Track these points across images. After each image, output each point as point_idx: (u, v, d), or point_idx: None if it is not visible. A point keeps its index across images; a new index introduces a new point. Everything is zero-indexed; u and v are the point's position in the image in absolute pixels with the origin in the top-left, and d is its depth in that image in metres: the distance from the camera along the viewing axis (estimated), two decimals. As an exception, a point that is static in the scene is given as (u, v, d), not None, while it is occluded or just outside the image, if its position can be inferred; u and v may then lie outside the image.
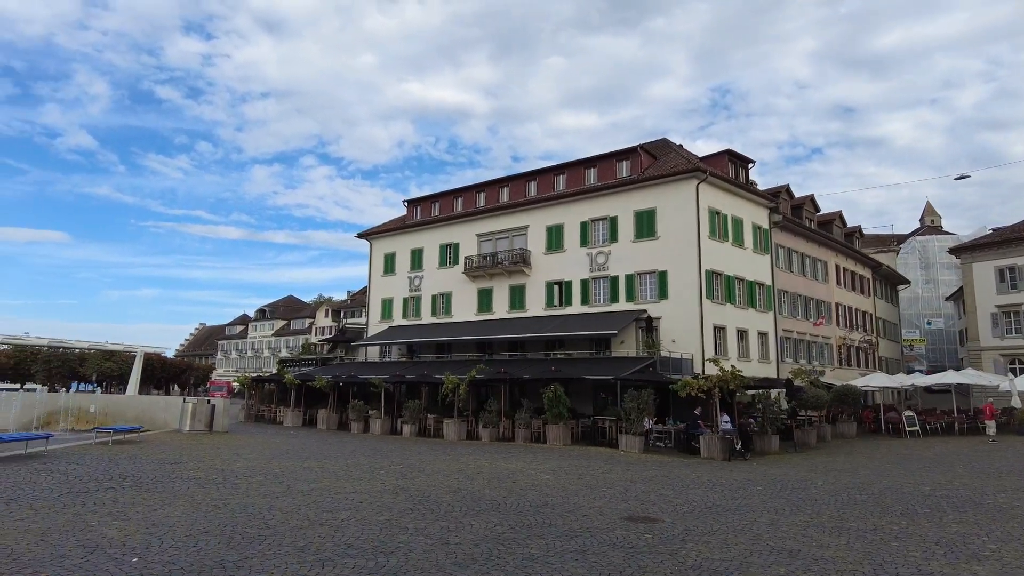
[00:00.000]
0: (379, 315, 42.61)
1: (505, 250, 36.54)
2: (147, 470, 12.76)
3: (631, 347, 30.97)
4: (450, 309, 38.85)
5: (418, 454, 18.71)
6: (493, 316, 36.63)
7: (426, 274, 40.51)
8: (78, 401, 25.74)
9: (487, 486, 12.46)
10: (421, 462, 16.40)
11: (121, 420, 24.76)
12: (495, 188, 38.91)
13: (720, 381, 20.50)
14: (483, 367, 26.86)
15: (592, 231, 33.72)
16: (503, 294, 36.49)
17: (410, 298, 41.05)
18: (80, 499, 9.44)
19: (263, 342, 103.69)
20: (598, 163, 34.73)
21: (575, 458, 18.61)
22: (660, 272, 30.99)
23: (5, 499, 9.15)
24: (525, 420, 24.09)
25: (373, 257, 44.13)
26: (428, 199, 42.15)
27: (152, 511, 8.82)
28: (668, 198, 31.42)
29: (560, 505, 10.71)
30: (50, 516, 8.24)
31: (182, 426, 23.53)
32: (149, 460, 14.44)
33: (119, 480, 11.32)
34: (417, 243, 41.43)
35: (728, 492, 12.53)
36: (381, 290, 43.06)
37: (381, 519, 9.05)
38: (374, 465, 15.36)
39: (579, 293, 33.53)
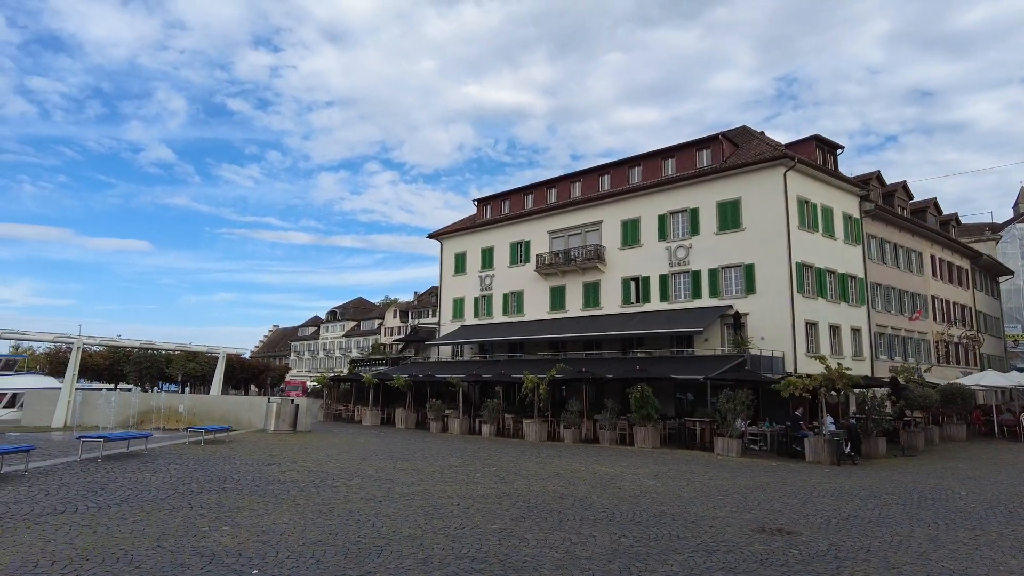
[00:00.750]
0: (451, 314, 42.44)
1: (578, 247, 35.67)
2: (244, 471, 12.58)
3: (716, 345, 29.61)
4: (522, 308, 38.26)
5: (506, 456, 18.12)
6: (566, 314, 35.81)
7: (497, 273, 40.05)
8: (169, 401, 26.39)
9: (593, 492, 11.70)
10: (513, 464, 15.79)
11: (208, 419, 25.22)
12: (566, 184, 38.09)
13: (826, 380, 19.09)
14: (563, 366, 26.11)
15: (671, 224, 32.46)
16: (576, 292, 35.63)
17: (481, 297, 40.68)
18: (187, 501, 9.20)
19: (334, 343, 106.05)
20: (676, 153, 33.44)
21: (671, 462, 17.62)
22: (746, 265, 29.50)
23: (117, 499, 8.99)
24: (610, 421, 23.18)
25: (444, 257, 44.01)
26: (498, 197, 41.69)
27: (259, 516, 8.46)
28: (753, 187, 29.89)
29: (679, 515, 9.85)
30: (162, 519, 7.98)
31: (267, 426, 23.74)
32: (243, 461, 14.33)
33: (219, 482, 11.12)
34: (487, 242, 41.02)
35: (859, 501, 11.36)
36: (452, 290, 42.88)
37: (495, 528, 8.44)
38: (466, 467, 14.84)
39: (658, 289, 32.33)
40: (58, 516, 7.88)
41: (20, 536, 6.86)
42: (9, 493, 9.17)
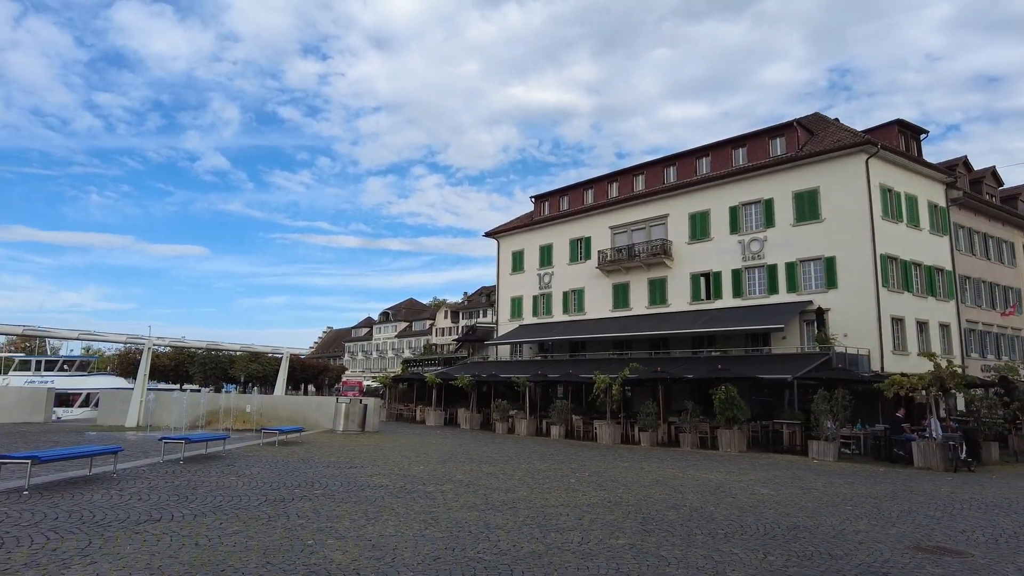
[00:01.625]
0: (508, 314, 41.76)
1: (642, 242, 34.49)
2: (329, 475, 12.00)
3: (794, 342, 28.10)
4: (583, 306, 37.27)
5: (589, 460, 17.19)
6: (630, 312, 34.67)
7: (556, 271, 39.15)
8: (236, 401, 26.35)
9: (706, 501, 10.69)
10: (602, 469, 14.86)
11: (274, 420, 25.04)
12: (629, 177, 36.92)
13: (935, 379, 17.56)
14: (636, 365, 25.02)
15: (743, 216, 31.01)
16: (641, 288, 34.46)
17: (540, 296, 39.84)
18: (280, 509, 8.59)
19: (387, 343, 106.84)
20: (747, 142, 31.95)
21: (767, 467, 16.42)
22: (827, 259, 27.90)
23: (210, 506, 8.44)
24: (691, 423, 22.01)
25: (500, 256, 43.35)
26: (556, 193, 40.79)
27: (362, 527, 7.77)
28: (833, 176, 28.26)
29: (814, 528, 8.78)
30: (261, 530, 7.35)
31: (336, 426, 23.38)
32: (324, 463, 13.80)
33: (307, 487, 10.54)
34: (546, 239, 40.17)
35: (1017, 515, 10.06)
36: (510, 288, 42.19)
37: (622, 543, 7.54)
38: (554, 471, 13.98)
39: (730, 284, 30.93)
40: (155, 524, 7.33)
41: (123, 547, 6.30)
42: (102, 496, 8.73)
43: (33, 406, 29.26)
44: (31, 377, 41.05)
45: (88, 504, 8.22)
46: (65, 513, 7.67)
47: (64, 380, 40.33)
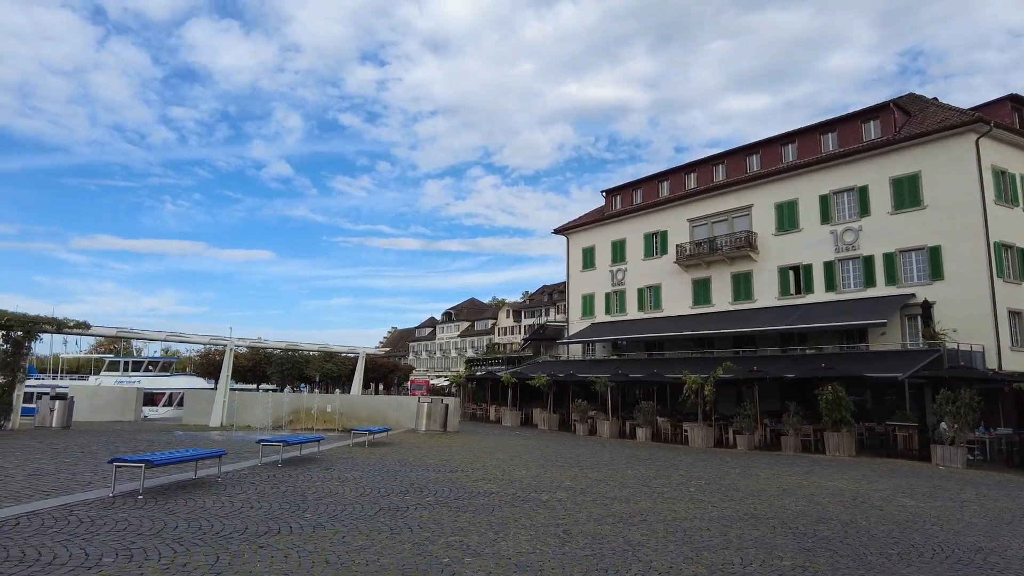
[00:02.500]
0: (580, 312, 40.80)
1: (725, 234, 32.98)
2: (433, 480, 11.42)
3: (895, 338, 26.21)
4: (659, 303, 35.98)
5: (693, 465, 16.15)
6: (712, 308, 33.22)
7: (630, 266, 37.97)
8: (317, 401, 26.37)
9: (854, 514, 9.57)
10: (716, 476, 13.82)
11: (354, 419, 24.87)
12: (707, 167, 35.40)
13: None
14: (730, 364, 23.70)
15: (835, 205, 29.18)
16: (723, 283, 32.95)
17: (613, 293, 38.72)
18: (400, 520, 8.00)
19: (450, 343, 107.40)
20: (838, 126, 30.06)
21: (894, 474, 15.00)
22: (931, 248, 25.89)
23: (326, 516, 7.92)
24: (793, 425, 20.60)
25: (570, 252, 42.41)
26: (629, 187, 39.57)
27: (493, 542, 7.08)
28: (937, 159, 26.20)
29: (1001, 551, 7.61)
30: (388, 544, 6.75)
31: (418, 426, 23.00)
32: (422, 467, 13.25)
33: (417, 493, 9.95)
34: (618, 234, 39.03)
35: None
36: (581, 286, 41.21)
37: (789, 565, 6.60)
38: (664, 478, 13.03)
39: (822, 278, 29.16)
40: (276, 537, 6.82)
41: (252, 565, 5.77)
42: (214, 503, 8.34)
43: (125, 405, 30.11)
44: (120, 377, 42.61)
45: (203, 512, 7.81)
46: (183, 522, 7.26)
47: (149, 380, 41.69)
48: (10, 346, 20.86)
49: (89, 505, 7.89)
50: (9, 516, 7.09)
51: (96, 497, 8.33)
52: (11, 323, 20.37)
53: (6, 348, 21.11)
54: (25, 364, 21.35)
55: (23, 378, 21.12)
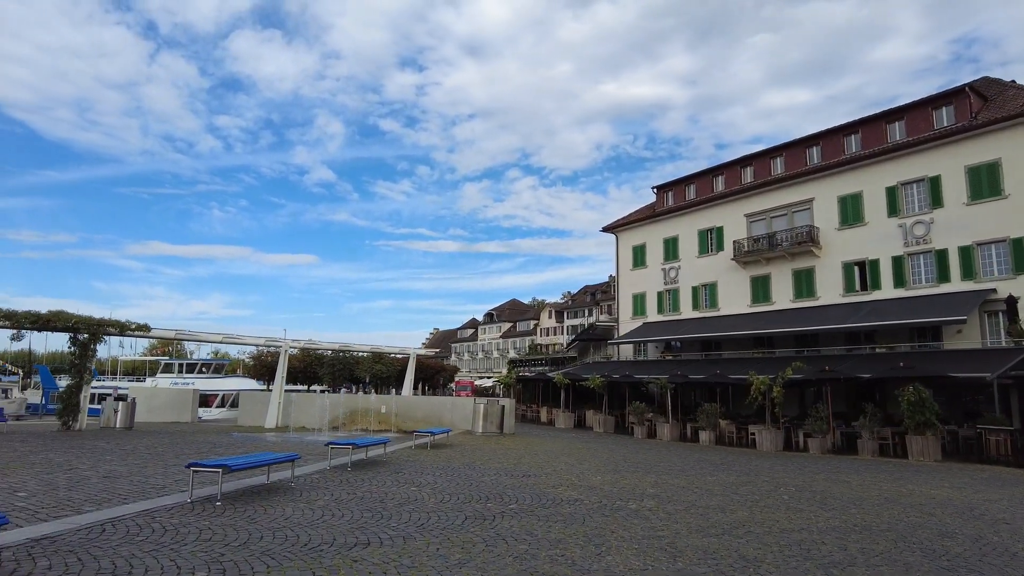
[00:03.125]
0: (630, 311, 39.91)
1: (784, 229, 31.78)
2: (510, 485, 10.92)
3: (973, 336, 24.79)
4: (715, 301, 34.91)
5: (772, 469, 15.31)
6: (772, 307, 32.03)
7: (683, 264, 36.96)
8: (371, 402, 26.24)
9: (979, 529, 8.71)
10: (806, 482, 12.98)
11: (409, 420, 24.63)
12: (765, 160, 34.22)
13: None
14: (800, 364, 22.65)
15: (903, 197, 27.79)
16: (784, 280, 31.75)
17: (665, 291, 37.76)
18: (490, 529, 7.51)
19: (492, 344, 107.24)
20: (906, 114, 28.65)
21: (999, 483, 13.92)
22: (1013, 240, 24.41)
23: (414, 525, 7.47)
24: (870, 428, 19.52)
25: (620, 251, 41.55)
26: (681, 182, 38.56)
27: (599, 557, 6.52)
28: (1018, 144, 24.66)
29: None
30: (489, 559, 6.26)
31: (475, 428, 22.61)
32: (493, 471, 12.77)
33: (498, 500, 9.46)
34: (670, 231, 38.05)
35: None
36: (631, 285, 40.32)
37: (937, 590, 5.88)
38: (749, 484, 12.28)
39: (890, 273, 27.80)
40: (368, 550, 6.39)
41: (352, 582, 5.34)
42: (293, 511, 7.99)
43: (181, 406, 30.50)
44: (174, 379, 43.39)
45: (285, 521, 7.45)
46: (268, 532, 6.90)
47: (203, 382, 42.31)
48: (77, 348, 21.20)
49: (170, 511, 7.62)
50: (94, 522, 6.84)
51: (175, 503, 8.06)
52: (78, 326, 20.67)
53: (73, 351, 21.48)
54: (91, 366, 21.65)
55: (89, 380, 21.42)
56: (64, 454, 13.65)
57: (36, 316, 19.84)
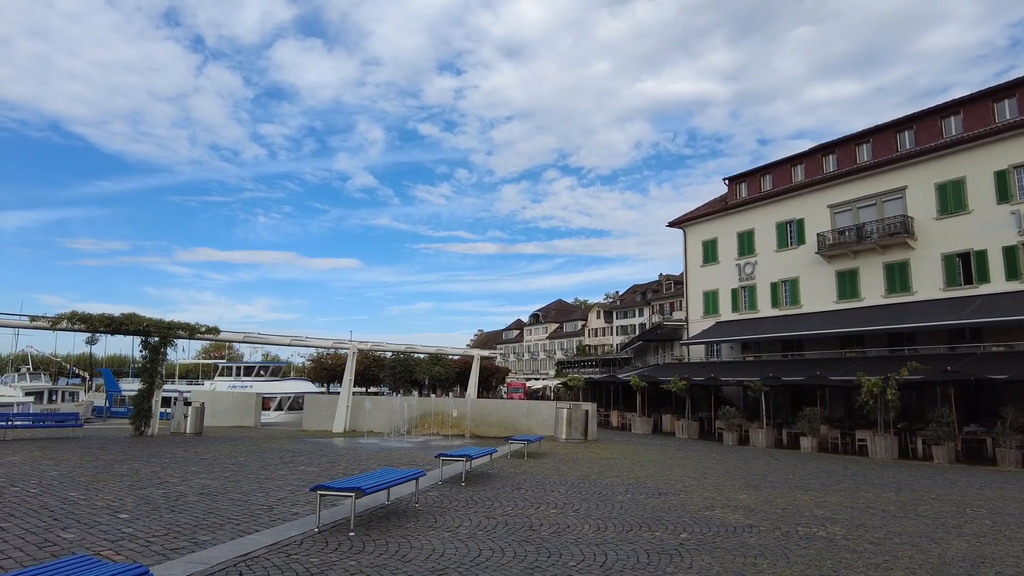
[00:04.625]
0: (701, 310, 38.01)
1: (874, 220, 29.58)
2: (658, 508, 9.50)
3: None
4: (797, 298, 32.83)
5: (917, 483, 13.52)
6: (861, 303, 29.86)
7: (760, 259, 34.94)
8: (441, 406, 25.13)
9: None
10: (995, 503, 11.26)
11: (483, 425, 23.44)
12: (849, 147, 32.04)
13: None
14: (916, 364, 20.65)
15: (1015, 181, 25.45)
16: (874, 274, 29.57)
17: (741, 288, 35.78)
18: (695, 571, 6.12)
19: (538, 344, 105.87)
20: (1017, 90, 26.26)
21: None
22: None
23: (599, 565, 6.12)
24: (1007, 436, 17.49)
25: (688, 247, 39.65)
26: (756, 173, 36.55)
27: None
28: None
29: None
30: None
31: (557, 434, 21.24)
32: (618, 487, 11.36)
33: (663, 528, 8.05)
34: (745, 224, 36.05)
35: None
36: (701, 282, 38.41)
37: None
38: (923, 504, 10.61)
39: (1000, 265, 25.48)
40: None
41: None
42: (440, 542, 6.71)
43: (244, 410, 29.88)
44: (233, 382, 43.15)
45: (444, 560, 6.16)
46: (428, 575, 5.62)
47: (261, 385, 41.92)
48: (148, 352, 20.56)
49: (302, 546, 6.41)
50: (224, 562, 5.67)
51: (301, 533, 6.86)
52: (149, 328, 20.00)
53: (144, 354, 20.85)
54: (161, 370, 21.00)
55: (160, 384, 20.75)
56: (147, 463, 12.80)
57: (110, 319, 19.24)
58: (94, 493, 9.17)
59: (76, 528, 6.92)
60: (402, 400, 24.23)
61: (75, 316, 18.77)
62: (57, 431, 19.62)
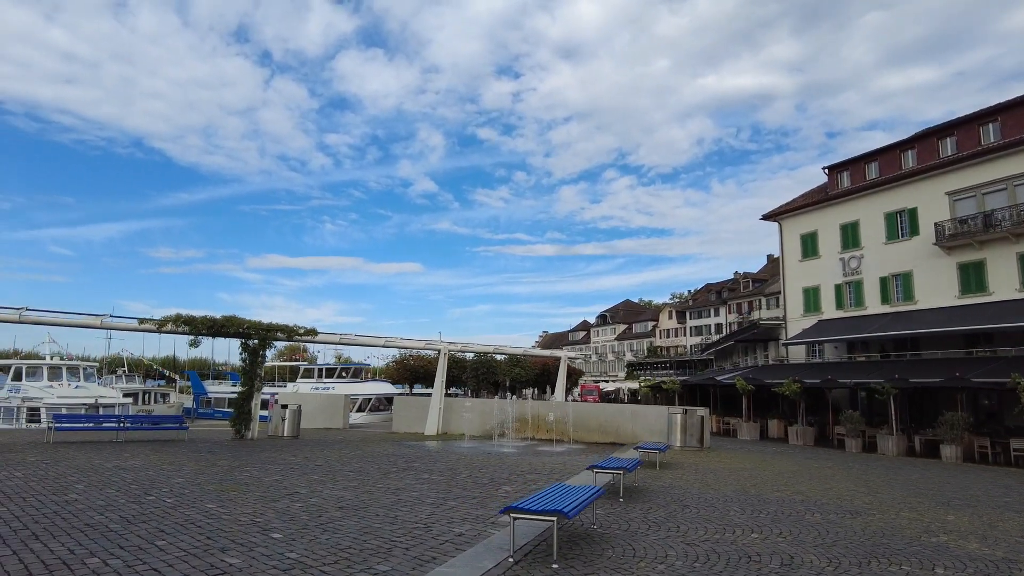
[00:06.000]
0: (800, 308, 35.73)
1: (1004, 207, 26.92)
2: (870, 534, 8.09)
3: None
4: (911, 293, 30.32)
5: None
6: (988, 298, 27.20)
7: (867, 252, 32.49)
8: (537, 409, 24.07)
9: None
10: None
11: (583, 430, 22.22)
12: (971, 128, 29.33)
13: None
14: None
15: None
16: (1006, 266, 26.89)
17: (845, 284, 33.38)
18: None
19: (606, 346, 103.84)
20: None
21: None
22: None
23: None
24: None
25: (785, 240, 37.42)
26: (860, 160, 34.06)
27: None
28: None
29: None
30: None
31: (672, 441, 19.84)
32: (788, 502, 9.99)
33: (911, 562, 6.68)
34: (849, 215, 33.63)
35: None
36: (800, 277, 36.11)
37: None
38: None
39: None
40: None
41: None
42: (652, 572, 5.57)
43: (332, 412, 29.65)
44: (315, 384, 43.32)
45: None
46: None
47: (343, 387, 41.88)
48: (247, 355, 20.29)
49: (504, 580, 5.39)
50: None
51: (495, 563, 5.83)
52: (250, 331, 19.70)
53: (243, 356, 20.59)
54: (261, 372, 20.70)
55: (260, 387, 20.45)
56: (264, 470, 12.24)
57: (212, 321, 19.03)
58: (231, 505, 8.47)
59: (236, 551, 6.11)
60: (499, 403, 23.26)
61: (179, 318, 18.62)
62: (163, 433, 19.52)
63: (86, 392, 30.27)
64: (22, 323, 16.75)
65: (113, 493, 9.13)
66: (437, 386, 25.71)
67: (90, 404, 28.92)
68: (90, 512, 7.74)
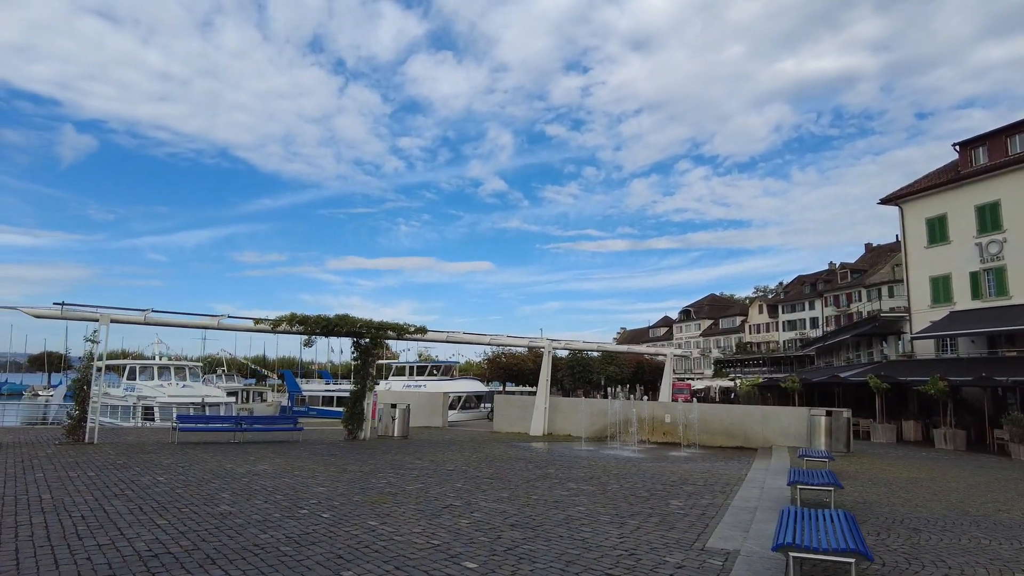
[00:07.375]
0: (928, 298, 32.67)
1: None
2: None
3: None
4: (1064, 279, 27.01)
5: None
6: None
7: (1010, 236, 29.26)
8: (652, 410, 22.67)
9: None
10: None
11: (705, 433, 20.64)
12: None
13: None
14: None
15: None
16: None
17: (983, 271, 30.20)
18: None
19: (691, 342, 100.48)
20: None
21: None
22: None
23: None
24: None
25: (907, 226, 34.35)
26: (999, 134, 30.72)
27: None
28: None
29: None
30: None
31: (815, 445, 18.02)
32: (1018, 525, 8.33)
33: None
34: (986, 196, 30.40)
35: None
36: (926, 265, 33.04)
37: None
38: None
39: None
40: None
41: None
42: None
43: (431, 410, 29.19)
44: (407, 382, 43.26)
45: None
46: None
47: (434, 384, 41.60)
48: (359, 354, 19.84)
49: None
50: None
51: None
52: (361, 330, 19.22)
53: (354, 355, 20.18)
54: (373, 371, 20.21)
55: (372, 386, 19.96)
56: (400, 476, 11.63)
57: (325, 321, 18.66)
58: (392, 522, 7.62)
59: (439, 588, 5.14)
60: (610, 403, 21.99)
61: (294, 318, 18.33)
62: (277, 434, 19.30)
63: (193, 391, 30.96)
64: (147, 324, 16.79)
65: (262, 504, 8.47)
66: (542, 385, 24.72)
67: (198, 403, 29.53)
68: (251, 529, 7.03)
